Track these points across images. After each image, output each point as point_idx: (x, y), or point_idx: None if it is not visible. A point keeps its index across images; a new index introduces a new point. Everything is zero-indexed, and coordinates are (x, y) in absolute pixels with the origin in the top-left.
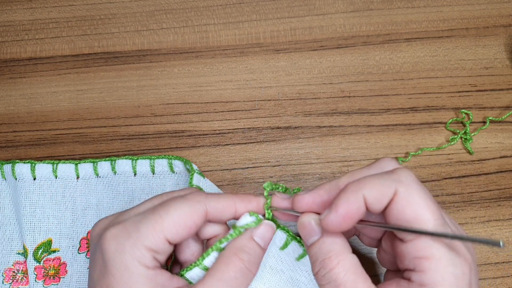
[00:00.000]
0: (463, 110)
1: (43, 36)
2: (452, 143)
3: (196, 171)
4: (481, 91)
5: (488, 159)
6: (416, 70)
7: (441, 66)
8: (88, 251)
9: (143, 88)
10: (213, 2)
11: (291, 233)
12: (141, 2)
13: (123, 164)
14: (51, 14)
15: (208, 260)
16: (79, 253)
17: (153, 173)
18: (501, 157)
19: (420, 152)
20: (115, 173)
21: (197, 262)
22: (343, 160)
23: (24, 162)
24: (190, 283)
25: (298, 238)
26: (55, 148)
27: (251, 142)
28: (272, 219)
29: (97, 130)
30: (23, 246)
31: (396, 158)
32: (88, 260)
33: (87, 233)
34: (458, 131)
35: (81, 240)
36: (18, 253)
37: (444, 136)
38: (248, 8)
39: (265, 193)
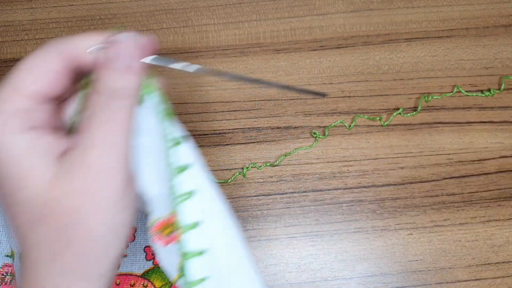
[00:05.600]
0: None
1: (43, 36)
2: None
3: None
4: (481, 91)
5: (488, 159)
6: (416, 70)
7: (441, 66)
8: None
9: None
10: (213, 2)
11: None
12: (141, 2)
13: None
14: (51, 14)
15: None
16: None
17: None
18: (501, 157)
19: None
20: None
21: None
22: (343, 160)
23: None
24: None
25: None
26: None
27: (251, 142)
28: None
29: None
30: (11, 249)
31: None
32: None
33: None
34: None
35: None
36: (7, 256)
37: (444, 136)
38: (248, 8)
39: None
